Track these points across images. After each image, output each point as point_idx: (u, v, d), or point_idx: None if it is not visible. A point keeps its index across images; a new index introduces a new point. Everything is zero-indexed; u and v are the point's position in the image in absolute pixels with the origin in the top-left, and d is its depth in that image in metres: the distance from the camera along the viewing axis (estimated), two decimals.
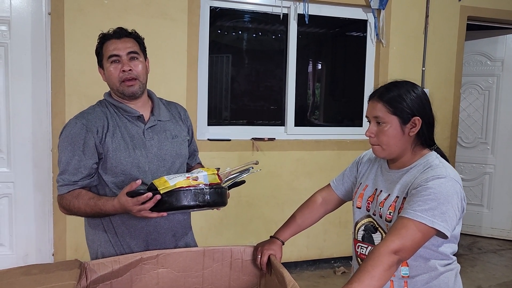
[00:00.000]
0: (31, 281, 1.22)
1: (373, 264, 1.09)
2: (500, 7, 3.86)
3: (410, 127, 1.26)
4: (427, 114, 1.28)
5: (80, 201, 1.42)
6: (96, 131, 1.46)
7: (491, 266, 3.73)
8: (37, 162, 2.86)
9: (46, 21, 2.79)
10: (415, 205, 1.15)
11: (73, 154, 1.44)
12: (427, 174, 1.21)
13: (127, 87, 1.49)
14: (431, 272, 1.26)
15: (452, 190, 1.17)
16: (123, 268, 1.41)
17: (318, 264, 3.56)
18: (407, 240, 1.12)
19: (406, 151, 1.30)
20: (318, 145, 3.47)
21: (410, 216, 1.14)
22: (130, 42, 1.52)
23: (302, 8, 3.32)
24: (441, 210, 1.14)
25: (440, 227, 1.13)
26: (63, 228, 2.89)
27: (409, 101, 1.25)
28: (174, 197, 1.29)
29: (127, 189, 1.31)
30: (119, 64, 1.49)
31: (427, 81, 3.70)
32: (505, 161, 4.34)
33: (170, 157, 1.56)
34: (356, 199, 1.43)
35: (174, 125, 1.63)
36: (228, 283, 1.54)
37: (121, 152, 1.47)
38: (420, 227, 1.12)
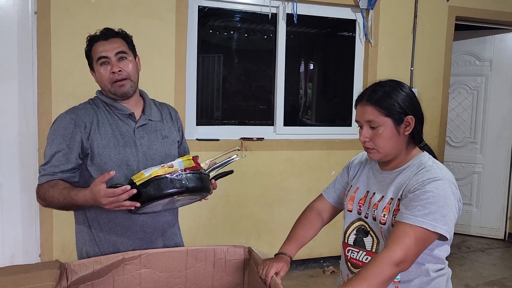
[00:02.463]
0: (10, 283, 1.21)
1: (374, 273, 1.08)
2: (488, 8, 3.89)
3: (405, 127, 1.24)
4: (418, 111, 1.27)
5: (55, 190, 1.41)
6: (84, 127, 1.47)
7: (479, 264, 3.76)
8: (24, 163, 2.84)
9: (32, 20, 2.76)
10: (415, 210, 1.13)
11: (58, 147, 1.45)
12: (422, 176, 1.19)
13: (119, 87, 1.50)
14: (423, 277, 1.25)
15: (449, 192, 1.16)
16: (104, 268, 1.40)
17: (307, 263, 3.56)
18: (409, 250, 1.10)
19: (401, 151, 1.28)
20: (307, 145, 3.47)
21: (411, 222, 1.12)
22: (118, 42, 1.52)
23: (290, 8, 3.32)
24: (441, 213, 1.13)
25: (442, 231, 1.12)
26: (50, 228, 2.87)
27: (399, 100, 1.23)
28: (151, 187, 1.27)
29: (99, 179, 1.29)
30: (108, 65, 1.49)
31: (415, 81, 3.72)
32: (494, 160, 4.38)
33: (159, 157, 1.56)
34: (347, 202, 1.40)
35: (165, 126, 1.63)
36: (212, 283, 1.53)
37: (110, 149, 1.47)
38: (422, 233, 1.11)
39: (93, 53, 1.51)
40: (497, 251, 4.14)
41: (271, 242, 3.39)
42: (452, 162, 4.54)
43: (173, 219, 1.66)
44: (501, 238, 4.39)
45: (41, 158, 2.78)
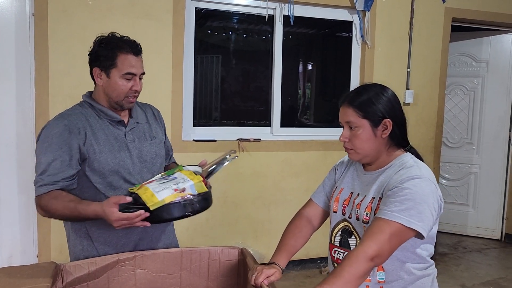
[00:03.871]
0: (5, 284, 1.22)
1: (349, 270, 1.09)
2: (485, 9, 3.90)
3: (382, 129, 1.27)
4: (398, 116, 1.29)
5: (58, 203, 1.39)
6: (79, 132, 1.46)
7: (475, 265, 3.78)
8: (21, 163, 2.85)
9: (29, 22, 2.77)
10: (392, 205, 1.15)
11: (55, 155, 1.42)
12: (402, 175, 1.21)
13: (129, 103, 1.52)
14: (407, 276, 1.26)
15: (427, 190, 1.18)
16: (99, 269, 1.41)
17: (304, 264, 3.58)
18: (384, 245, 1.12)
19: (380, 153, 1.31)
20: (304, 146, 3.48)
21: (386, 217, 1.14)
22: (141, 60, 1.53)
23: (287, 10, 3.33)
24: (417, 210, 1.14)
25: (417, 227, 1.13)
26: (48, 229, 2.88)
27: (378, 103, 1.26)
28: (164, 211, 1.31)
29: (114, 200, 1.31)
30: (131, 81, 1.49)
31: (412, 82, 3.73)
32: (490, 161, 4.40)
33: (150, 158, 1.58)
34: (332, 203, 1.42)
35: (151, 127, 1.64)
36: (206, 284, 1.55)
37: (106, 154, 1.48)
38: (397, 228, 1.13)
39: (120, 63, 1.47)
40: (493, 251, 4.15)
41: (268, 243, 3.40)
42: (448, 162, 4.56)
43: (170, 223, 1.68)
44: (498, 238, 4.41)
45: None
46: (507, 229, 4.38)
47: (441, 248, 4.15)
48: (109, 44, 1.49)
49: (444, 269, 3.65)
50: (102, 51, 1.49)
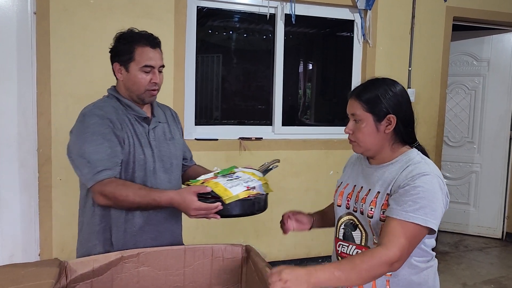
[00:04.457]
0: (9, 281, 1.22)
1: (367, 268, 1.10)
2: (486, 8, 3.91)
3: (386, 125, 1.27)
4: (404, 112, 1.28)
5: (129, 189, 1.40)
6: (114, 124, 1.48)
7: (476, 263, 3.78)
8: (23, 162, 2.85)
9: (31, 20, 2.77)
10: (406, 205, 1.16)
11: (102, 143, 1.43)
12: (411, 171, 1.21)
13: (150, 96, 1.53)
14: (411, 269, 1.26)
15: (437, 186, 1.19)
16: (103, 266, 1.41)
17: (305, 262, 3.57)
18: (405, 249, 1.13)
19: (383, 147, 1.30)
20: (305, 145, 3.49)
21: (403, 218, 1.15)
22: (160, 52, 1.54)
23: (289, 8, 3.33)
24: (431, 207, 1.16)
25: (432, 225, 1.16)
26: (49, 228, 2.88)
27: (384, 99, 1.26)
28: (236, 207, 1.35)
29: (195, 189, 1.34)
30: (149, 74, 1.50)
31: (413, 81, 3.73)
32: (491, 160, 4.40)
33: (167, 157, 1.60)
34: (336, 197, 1.43)
35: (170, 127, 1.66)
36: (209, 281, 1.55)
37: (134, 149, 1.50)
38: (415, 229, 1.14)
39: (138, 56, 1.49)
40: (494, 250, 4.16)
41: (269, 241, 3.40)
42: (450, 161, 4.56)
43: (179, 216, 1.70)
44: (499, 237, 4.41)
45: (41, 157, 2.81)
46: (508, 228, 4.38)
47: (442, 247, 4.15)
48: (127, 39, 1.51)
49: (445, 267, 3.65)
50: (121, 46, 1.52)
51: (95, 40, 2.86)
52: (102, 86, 3.00)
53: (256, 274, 1.41)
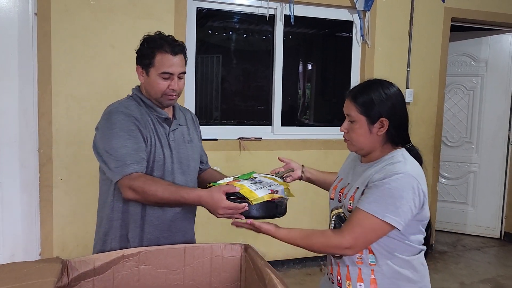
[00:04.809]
0: (12, 278, 1.24)
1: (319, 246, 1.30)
2: (484, 9, 3.93)
3: (378, 127, 1.31)
4: (397, 115, 1.31)
5: (158, 185, 1.43)
6: (139, 122, 1.52)
7: (474, 263, 3.80)
8: (24, 162, 2.87)
9: (32, 21, 2.79)
10: (371, 198, 1.23)
11: (129, 138, 1.47)
12: (386, 170, 1.26)
13: (168, 100, 1.56)
14: (395, 261, 1.30)
15: (408, 186, 1.22)
16: (104, 265, 1.43)
17: (304, 262, 3.60)
18: (359, 238, 1.24)
19: (375, 148, 1.35)
20: (304, 145, 3.51)
21: (364, 209, 1.23)
22: (181, 59, 1.54)
23: (288, 9, 3.36)
24: (395, 205, 1.21)
25: (392, 221, 1.21)
26: (50, 227, 2.90)
27: (378, 102, 1.29)
28: (260, 208, 1.40)
29: (224, 189, 1.38)
30: (168, 80, 1.52)
31: (411, 82, 3.76)
32: (489, 160, 4.42)
33: (185, 159, 1.63)
34: (330, 191, 1.50)
35: (189, 130, 1.70)
36: (209, 280, 1.57)
37: (154, 149, 1.53)
38: (374, 221, 1.21)
39: (157, 62, 1.51)
40: (492, 249, 4.18)
41: (268, 241, 3.40)
42: (448, 161, 4.58)
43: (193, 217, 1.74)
44: (497, 237, 4.44)
45: (42, 157, 2.82)
46: (506, 227, 4.40)
47: (441, 246, 4.17)
48: (149, 43, 1.53)
49: (443, 267, 3.68)
50: (143, 50, 1.54)
51: (95, 40, 2.88)
52: (102, 87, 3.04)
53: (255, 272, 1.43)
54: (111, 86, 2.94)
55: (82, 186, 2.92)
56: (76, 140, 2.87)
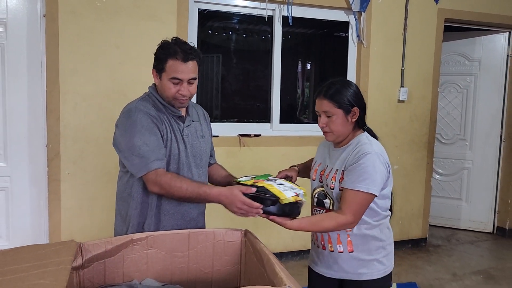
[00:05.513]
0: (32, 257, 1.37)
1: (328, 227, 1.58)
2: (477, 10, 4.04)
3: (352, 115, 1.63)
4: (361, 104, 1.65)
5: (183, 182, 1.56)
6: (157, 119, 1.63)
7: (467, 256, 3.92)
8: (33, 158, 2.99)
9: (41, 22, 2.91)
10: (353, 178, 1.56)
11: (150, 136, 1.58)
12: (358, 152, 1.59)
13: (179, 103, 1.65)
14: (364, 225, 1.63)
15: (377, 161, 1.56)
16: (115, 248, 1.55)
17: (302, 254, 3.72)
18: (357, 212, 1.56)
19: (349, 133, 1.66)
20: (302, 141, 3.63)
21: (352, 188, 1.55)
22: (193, 65, 1.61)
23: (286, 11, 3.47)
24: (372, 178, 1.54)
25: (374, 191, 1.55)
26: (58, 220, 3.02)
27: (348, 96, 1.63)
28: (286, 207, 1.56)
29: (242, 189, 1.52)
30: (178, 85, 1.60)
31: (406, 80, 3.87)
32: (483, 157, 4.54)
33: (199, 154, 1.75)
34: (312, 173, 1.80)
35: (202, 126, 1.81)
36: (212, 262, 1.69)
37: (170, 144, 1.65)
38: (362, 195, 1.54)
39: (168, 68, 1.59)
40: (485, 243, 4.30)
41: (268, 234, 3.54)
42: (442, 158, 4.71)
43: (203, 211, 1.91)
44: (490, 231, 4.56)
45: (50, 153, 2.94)
46: (499, 222, 4.52)
47: (435, 240, 4.30)
48: (164, 49, 1.61)
49: (436, 259, 3.80)
50: (158, 55, 1.62)
51: (101, 41, 3.00)
52: (107, 85, 3.16)
53: (254, 256, 1.55)
54: (115, 84, 3.06)
55: (89, 180, 3.04)
56: (83, 136, 3.00)
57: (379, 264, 1.67)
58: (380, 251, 1.67)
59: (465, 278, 3.41)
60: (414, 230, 4.09)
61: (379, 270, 1.67)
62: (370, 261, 1.65)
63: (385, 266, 1.68)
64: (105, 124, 2.98)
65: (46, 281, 1.19)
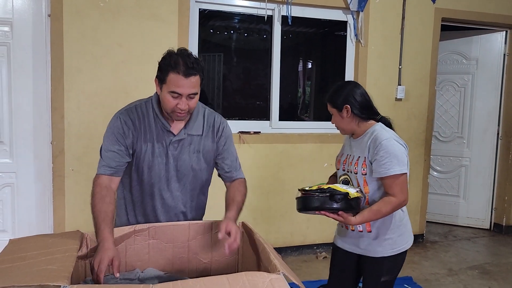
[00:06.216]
0: (39, 246, 1.44)
1: (389, 211, 1.78)
2: (473, 9, 4.10)
3: (345, 112, 1.88)
4: (354, 101, 1.86)
5: (98, 203, 1.59)
6: (134, 130, 1.67)
7: (463, 251, 3.99)
8: (38, 154, 3.07)
9: (46, 22, 2.99)
10: (384, 166, 1.76)
11: (112, 144, 1.65)
12: (375, 140, 1.80)
13: (177, 116, 1.63)
14: None
15: (396, 144, 1.79)
16: (118, 238, 1.63)
17: (301, 249, 3.79)
18: (403, 192, 1.78)
19: (353, 126, 1.90)
20: (301, 138, 3.70)
21: (387, 174, 1.76)
22: (195, 79, 1.56)
23: (285, 10, 3.54)
24: (398, 159, 1.76)
25: (405, 170, 1.78)
26: (62, 215, 3.10)
27: (339, 96, 1.89)
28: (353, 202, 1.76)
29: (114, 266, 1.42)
30: (177, 99, 1.57)
31: (403, 79, 3.93)
32: (480, 154, 4.60)
33: (185, 168, 1.75)
34: (336, 163, 2.04)
35: (202, 140, 1.75)
36: (210, 253, 1.76)
37: (147, 156, 1.69)
38: (400, 177, 1.76)
39: (168, 81, 1.55)
40: (482, 239, 4.36)
41: (267, 229, 3.62)
42: (440, 155, 4.77)
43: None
44: (487, 228, 4.62)
45: (55, 149, 3.03)
46: (496, 219, 4.58)
47: (432, 237, 4.36)
48: (166, 60, 1.57)
49: (433, 255, 3.87)
50: (162, 65, 1.59)
51: (104, 40, 3.08)
52: (110, 83, 3.24)
53: (251, 247, 1.62)
54: (118, 82, 3.13)
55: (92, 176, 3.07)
56: (87, 133, 3.07)
57: (391, 244, 1.85)
58: (394, 230, 1.86)
59: (461, 273, 3.47)
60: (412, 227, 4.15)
61: (392, 248, 1.86)
62: (385, 239, 1.85)
63: (398, 246, 1.86)
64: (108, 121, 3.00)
65: (53, 267, 1.26)
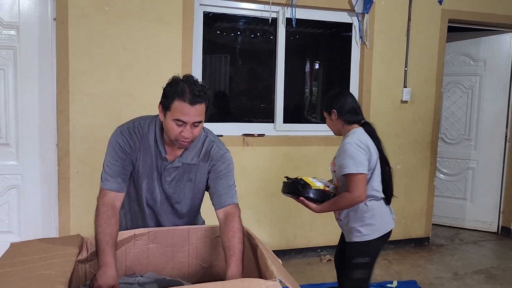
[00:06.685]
0: (41, 249, 1.46)
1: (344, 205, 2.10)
2: (480, 10, 4.06)
3: (334, 115, 2.17)
4: (339, 106, 2.15)
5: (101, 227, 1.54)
6: (134, 151, 1.66)
7: (469, 255, 3.95)
8: (43, 156, 3.10)
9: (51, 26, 3.02)
10: (343, 165, 2.04)
11: (115, 159, 1.64)
12: (342, 143, 2.10)
13: (180, 144, 1.60)
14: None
15: (355, 147, 2.03)
16: (118, 243, 1.63)
17: (305, 252, 3.78)
18: (359, 189, 2.02)
19: (340, 129, 2.20)
20: (305, 141, 3.69)
21: (345, 173, 2.04)
22: (200, 107, 1.53)
23: (290, 13, 3.54)
24: (355, 160, 2.02)
25: (362, 170, 2.03)
26: (67, 217, 3.13)
27: (328, 101, 2.20)
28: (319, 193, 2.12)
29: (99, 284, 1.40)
30: (181, 127, 1.54)
31: (409, 81, 3.91)
32: (487, 157, 4.55)
33: (176, 195, 1.76)
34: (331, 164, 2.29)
35: (196, 170, 1.73)
36: (210, 257, 1.77)
37: (143, 178, 1.70)
38: (355, 176, 2.02)
39: (173, 108, 1.52)
40: (489, 243, 4.31)
41: (271, 231, 3.62)
42: (447, 158, 4.73)
43: None
44: (494, 231, 4.57)
45: (60, 152, 3.06)
46: (503, 222, 4.53)
47: (438, 240, 4.32)
48: (172, 87, 1.54)
49: (439, 258, 3.83)
50: (166, 92, 1.56)
51: (109, 43, 3.10)
52: (115, 86, 3.26)
53: (250, 251, 1.63)
54: (123, 86, 3.16)
55: (97, 178, 3.09)
56: (92, 135, 3.10)
57: (356, 232, 2.15)
58: (357, 221, 2.14)
59: (466, 277, 3.44)
60: (417, 230, 4.13)
61: (357, 236, 2.15)
62: (351, 228, 2.16)
63: (362, 234, 2.14)
64: (112, 124, 3.04)
65: (52, 272, 1.28)
